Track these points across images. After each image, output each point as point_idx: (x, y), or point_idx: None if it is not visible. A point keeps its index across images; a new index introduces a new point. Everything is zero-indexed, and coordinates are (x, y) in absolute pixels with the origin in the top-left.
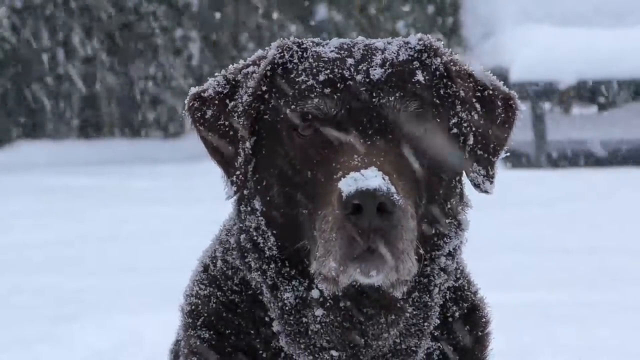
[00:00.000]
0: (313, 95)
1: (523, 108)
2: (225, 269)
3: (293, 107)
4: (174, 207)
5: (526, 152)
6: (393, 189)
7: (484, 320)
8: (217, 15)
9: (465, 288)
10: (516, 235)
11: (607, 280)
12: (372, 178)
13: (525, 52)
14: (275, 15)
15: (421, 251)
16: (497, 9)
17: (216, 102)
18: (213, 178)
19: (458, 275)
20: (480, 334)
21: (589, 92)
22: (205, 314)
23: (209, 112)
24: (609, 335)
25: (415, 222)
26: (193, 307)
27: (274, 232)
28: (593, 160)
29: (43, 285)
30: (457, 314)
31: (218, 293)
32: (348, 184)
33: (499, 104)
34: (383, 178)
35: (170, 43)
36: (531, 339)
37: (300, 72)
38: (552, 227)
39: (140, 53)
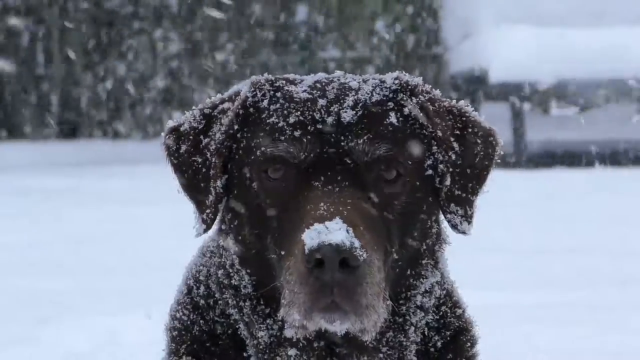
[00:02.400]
0: (283, 138)
1: (501, 111)
2: (207, 296)
3: (262, 149)
4: (152, 208)
5: (505, 153)
6: (357, 243)
7: (469, 344)
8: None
9: (448, 314)
10: (494, 235)
11: (585, 280)
12: (336, 231)
13: (504, 53)
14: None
15: (388, 302)
16: (476, 10)
17: (191, 137)
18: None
19: (442, 301)
20: (465, 358)
21: (569, 92)
22: (189, 342)
23: (184, 147)
24: (586, 336)
25: (383, 273)
26: (176, 332)
27: (248, 271)
28: (572, 161)
29: (20, 287)
30: (439, 344)
31: (201, 321)
32: (311, 237)
33: (479, 141)
34: (347, 231)
35: (150, 43)
36: (507, 339)
37: (271, 112)
38: (530, 227)
39: (120, 53)
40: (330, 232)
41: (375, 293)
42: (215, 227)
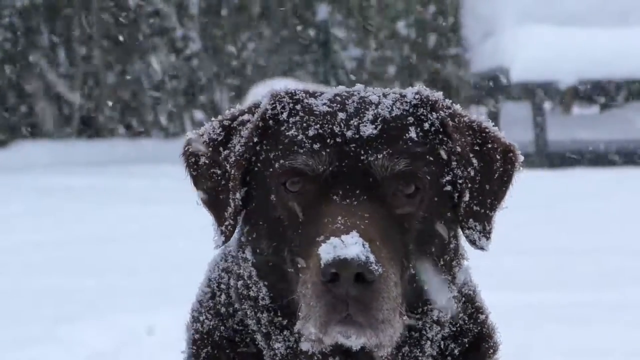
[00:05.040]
0: (302, 151)
1: (522, 110)
2: (228, 304)
3: (282, 161)
4: (173, 207)
5: (526, 152)
6: (372, 258)
7: (491, 351)
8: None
9: (467, 321)
10: (515, 235)
11: (606, 280)
12: (352, 246)
13: (525, 52)
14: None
15: (405, 318)
16: (497, 9)
17: (210, 149)
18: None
19: (459, 309)
20: None
21: (590, 92)
22: (210, 346)
23: (203, 159)
24: (608, 335)
25: (399, 288)
26: (198, 336)
27: (265, 283)
28: (593, 160)
29: (43, 285)
30: (456, 352)
31: (222, 327)
32: (327, 251)
33: (498, 157)
34: (363, 245)
35: (171, 42)
36: (528, 340)
37: (290, 125)
38: (551, 227)
39: (141, 52)
40: (346, 247)
41: (392, 308)
42: (234, 236)
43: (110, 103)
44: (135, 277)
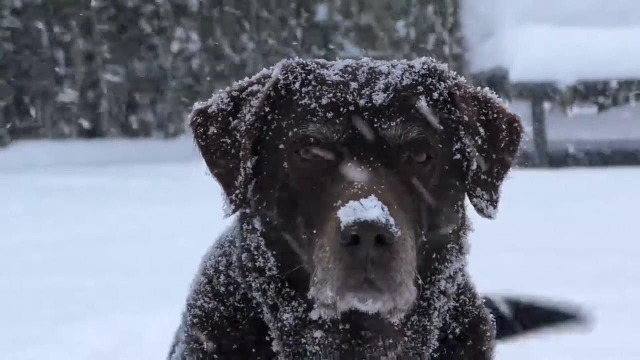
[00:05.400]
0: (315, 119)
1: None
2: (227, 283)
3: (295, 130)
4: (173, 207)
5: (526, 152)
6: (392, 220)
7: (487, 335)
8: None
9: (467, 303)
10: (515, 235)
11: (607, 280)
12: (371, 208)
13: (525, 52)
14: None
15: (420, 281)
16: (496, 9)
17: (219, 119)
18: (212, 178)
19: (460, 290)
20: (483, 348)
21: (589, 92)
22: (209, 328)
23: (212, 129)
24: (607, 336)
25: (414, 252)
26: (197, 319)
27: (274, 252)
28: (593, 160)
29: (43, 285)
30: (457, 330)
31: (221, 308)
32: (347, 214)
33: (504, 127)
34: (382, 208)
35: (170, 42)
36: (528, 339)
37: (303, 94)
38: (550, 226)
39: (141, 52)
40: (366, 209)
41: (408, 271)
42: (234, 216)
43: (109, 103)
44: (136, 277)
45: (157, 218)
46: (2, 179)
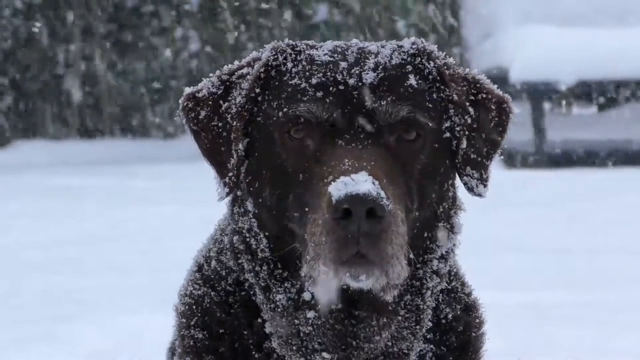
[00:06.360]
0: (305, 98)
1: (517, 111)
2: (219, 268)
3: (285, 110)
4: (173, 207)
5: (526, 152)
6: (383, 194)
7: (477, 321)
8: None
9: (459, 290)
10: (515, 235)
11: (607, 280)
12: (362, 183)
13: (525, 52)
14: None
15: (411, 256)
16: (497, 9)
17: (210, 102)
18: (212, 178)
19: (451, 277)
20: (474, 334)
21: (589, 92)
22: (199, 314)
23: (203, 113)
24: (608, 336)
25: (405, 226)
26: (187, 307)
27: (266, 234)
28: (593, 161)
29: (43, 285)
30: (449, 316)
31: (212, 293)
32: (338, 189)
33: (493, 107)
34: (373, 183)
35: (170, 43)
36: (529, 339)
37: (293, 75)
38: (551, 227)
39: (140, 52)
40: (357, 184)
41: (400, 244)
42: (227, 199)
43: (109, 103)
44: (135, 277)
45: (157, 218)
46: (1, 179)
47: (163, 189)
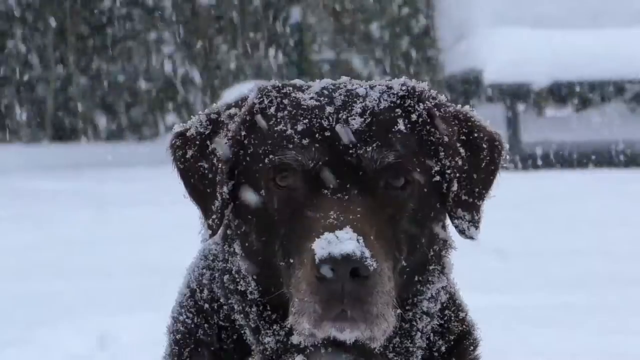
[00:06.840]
0: (291, 145)
1: (496, 112)
2: (211, 300)
3: (271, 157)
4: (148, 210)
5: None
6: (367, 253)
7: (471, 347)
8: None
9: (452, 319)
10: (490, 236)
11: (583, 282)
12: (347, 241)
13: (498, 54)
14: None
15: (399, 311)
16: (470, 11)
17: (197, 142)
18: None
19: (444, 305)
20: None
21: (563, 94)
22: (192, 345)
23: (190, 152)
24: (585, 337)
25: (392, 283)
26: (180, 336)
27: (254, 277)
28: (567, 162)
29: (16, 289)
30: (442, 348)
31: (205, 325)
32: (321, 247)
33: (485, 146)
34: (358, 240)
35: (144, 46)
36: (506, 341)
37: (279, 119)
38: (524, 229)
39: (115, 55)
40: (341, 242)
41: (386, 302)
42: (220, 230)
43: (84, 106)
44: (110, 280)
45: (132, 221)
46: None
47: (138, 191)
